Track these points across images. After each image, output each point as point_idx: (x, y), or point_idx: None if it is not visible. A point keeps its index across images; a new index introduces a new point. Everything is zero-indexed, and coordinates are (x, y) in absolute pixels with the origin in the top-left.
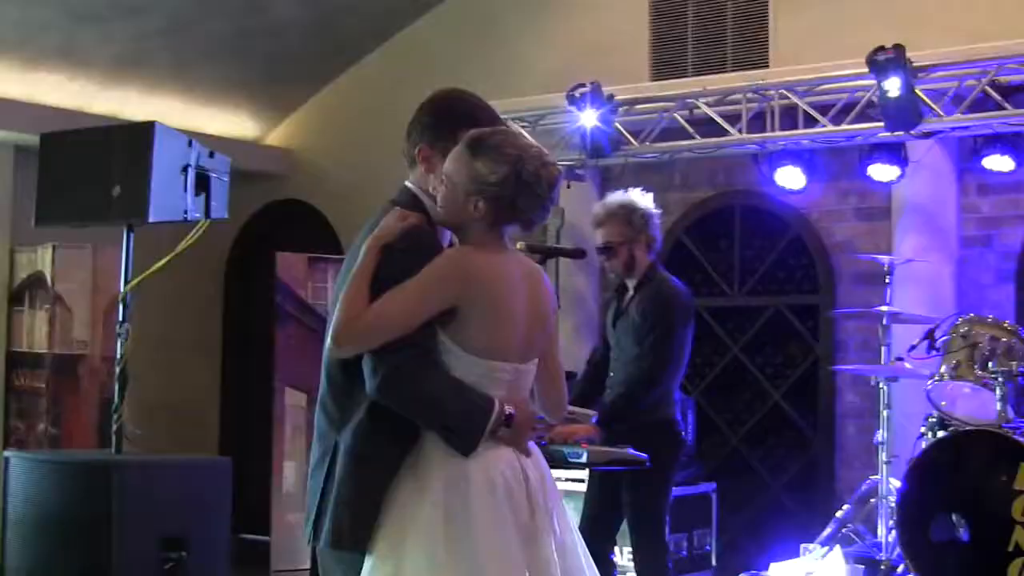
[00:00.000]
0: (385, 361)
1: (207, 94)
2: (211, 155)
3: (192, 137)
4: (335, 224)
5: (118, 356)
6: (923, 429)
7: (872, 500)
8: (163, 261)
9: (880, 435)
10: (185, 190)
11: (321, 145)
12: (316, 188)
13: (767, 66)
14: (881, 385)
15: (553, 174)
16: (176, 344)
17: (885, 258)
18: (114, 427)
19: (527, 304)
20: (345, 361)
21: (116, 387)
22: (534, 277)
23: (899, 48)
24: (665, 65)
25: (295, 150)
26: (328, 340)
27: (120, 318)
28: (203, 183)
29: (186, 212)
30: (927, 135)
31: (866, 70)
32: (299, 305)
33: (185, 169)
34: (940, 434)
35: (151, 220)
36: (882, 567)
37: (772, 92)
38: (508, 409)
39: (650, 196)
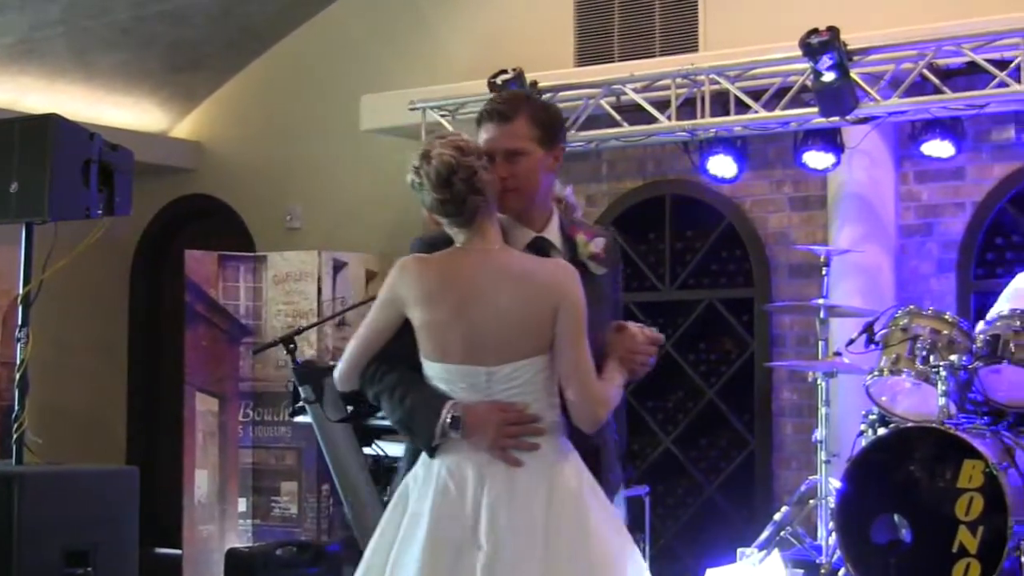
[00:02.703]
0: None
1: (110, 85)
2: (114, 148)
3: (94, 130)
4: (247, 220)
5: (18, 361)
6: (863, 426)
7: (811, 501)
8: (64, 261)
9: (819, 433)
10: (87, 186)
11: (231, 137)
12: (226, 182)
13: (697, 50)
14: (819, 381)
15: (438, 162)
16: (80, 348)
17: (822, 249)
18: (15, 436)
19: (480, 303)
20: None
21: (16, 394)
22: (503, 273)
23: (833, 30)
24: (591, 50)
25: (203, 143)
26: None
27: (20, 321)
28: (106, 178)
29: (88, 209)
30: (863, 120)
31: (799, 53)
32: (209, 305)
33: (87, 164)
34: (880, 431)
35: (51, 218)
36: (822, 571)
37: (702, 77)
38: (454, 411)
39: (570, 188)
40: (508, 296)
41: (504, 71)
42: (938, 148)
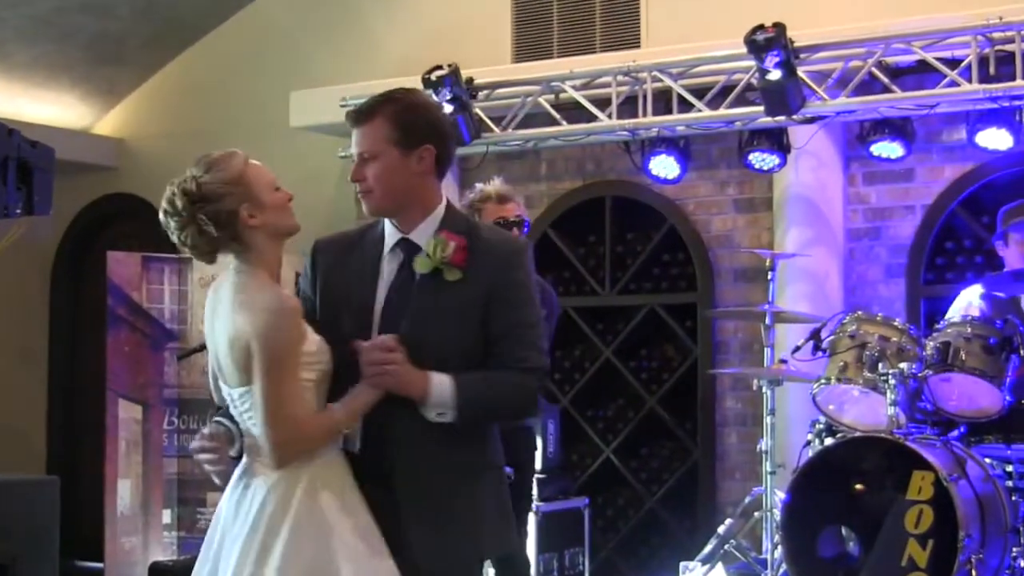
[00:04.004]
0: None
1: (29, 78)
2: (33, 145)
3: (12, 126)
4: None
5: None
6: (809, 436)
7: (756, 513)
8: None
9: (764, 443)
10: (5, 184)
11: (155, 134)
12: (150, 181)
13: (639, 47)
14: (764, 389)
15: (163, 200)
16: None
17: (767, 252)
18: None
19: (213, 328)
20: None
21: None
22: (226, 303)
23: (779, 27)
24: (529, 46)
25: (127, 139)
26: None
27: None
28: (25, 176)
29: (7, 208)
30: (810, 120)
31: (744, 51)
32: (132, 309)
33: (5, 161)
34: (828, 441)
35: None
36: None
37: (644, 74)
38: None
39: (499, 179)
40: (223, 326)
41: (439, 67)
42: (887, 149)
